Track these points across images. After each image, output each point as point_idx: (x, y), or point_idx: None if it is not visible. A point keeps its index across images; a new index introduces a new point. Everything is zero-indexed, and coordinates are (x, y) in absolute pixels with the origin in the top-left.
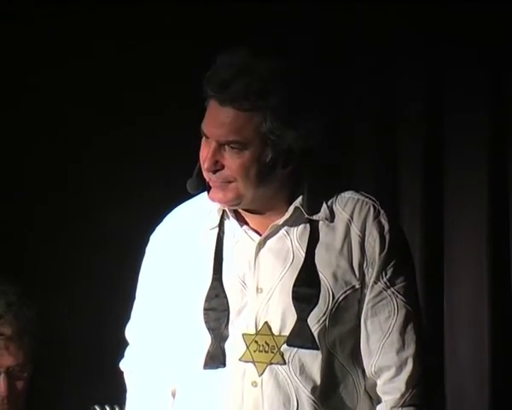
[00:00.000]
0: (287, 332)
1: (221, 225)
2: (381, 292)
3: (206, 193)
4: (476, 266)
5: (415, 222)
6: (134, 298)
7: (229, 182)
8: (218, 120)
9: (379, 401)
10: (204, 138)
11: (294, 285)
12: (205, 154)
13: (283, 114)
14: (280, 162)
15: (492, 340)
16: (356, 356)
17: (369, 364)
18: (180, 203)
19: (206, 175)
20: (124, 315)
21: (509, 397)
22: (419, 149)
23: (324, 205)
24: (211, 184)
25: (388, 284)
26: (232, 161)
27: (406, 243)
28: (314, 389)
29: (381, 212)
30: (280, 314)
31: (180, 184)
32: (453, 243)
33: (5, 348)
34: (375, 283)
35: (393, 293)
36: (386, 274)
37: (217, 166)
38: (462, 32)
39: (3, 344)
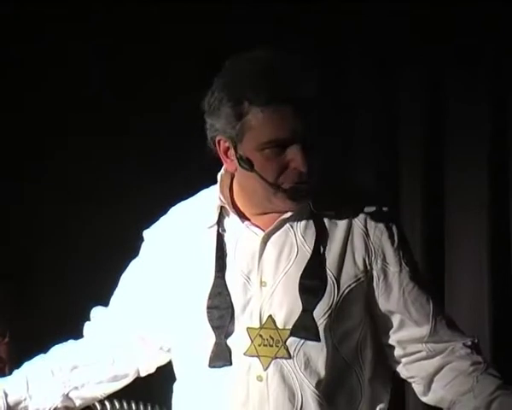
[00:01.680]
0: (291, 325)
1: (220, 223)
2: (410, 279)
3: (202, 192)
4: (477, 267)
5: (415, 222)
6: None
7: (312, 178)
8: (293, 121)
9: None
10: (270, 151)
11: (301, 277)
12: (283, 161)
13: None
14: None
15: (493, 340)
16: (360, 351)
17: (422, 341)
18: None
19: (291, 182)
20: None
21: None
22: (419, 149)
23: (328, 200)
24: (295, 193)
25: (409, 269)
26: (313, 159)
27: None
28: (319, 384)
29: (382, 204)
30: (284, 308)
31: (175, 184)
32: (454, 243)
33: None
34: (401, 271)
35: (416, 276)
36: (406, 262)
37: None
38: (463, 32)
39: None
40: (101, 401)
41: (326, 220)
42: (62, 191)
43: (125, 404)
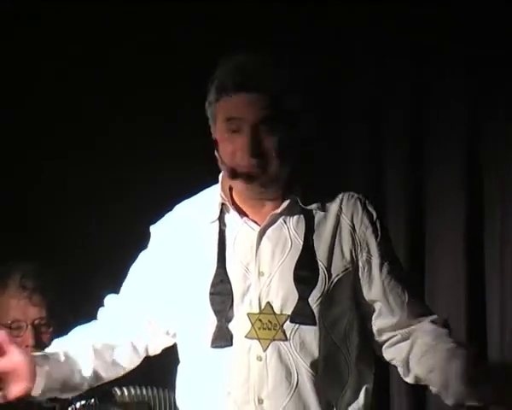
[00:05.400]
0: (287, 311)
1: (221, 218)
2: (390, 269)
3: (204, 191)
4: (454, 264)
5: (398, 223)
6: None
7: (267, 164)
8: (249, 105)
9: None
10: (227, 132)
11: (295, 269)
12: (239, 143)
13: (295, 97)
14: (298, 143)
15: (468, 328)
16: (348, 335)
17: (396, 328)
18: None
19: (241, 165)
20: None
21: None
22: (403, 159)
23: (317, 197)
24: (249, 172)
25: (390, 261)
26: (269, 139)
27: (385, 224)
28: (312, 364)
29: (367, 202)
30: (280, 295)
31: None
32: (433, 242)
33: (29, 300)
34: (382, 263)
35: (395, 268)
36: (387, 254)
37: (259, 148)
38: (449, 39)
39: (27, 296)
40: (120, 388)
41: (316, 215)
42: (80, 193)
43: (137, 389)
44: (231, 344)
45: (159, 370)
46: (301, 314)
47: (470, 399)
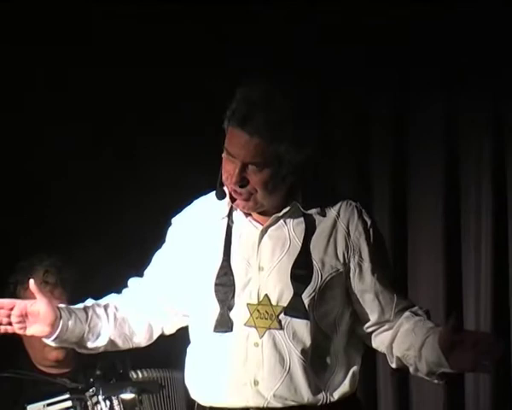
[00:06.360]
0: (283, 303)
1: (230, 215)
2: (380, 273)
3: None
4: (434, 260)
5: (383, 223)
6: None
7: (251, 194)
8: (243, 145)
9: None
10: (227, 156)
11: (292, 267)
12: (230, 170)
13: (296, 139)
14: (289, 174)
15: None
16: (337, 325)
17: (384, 323)
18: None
19: (229, 186)
20: None
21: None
22: (387, 168)
23: (316, 202)
24: (234, 195)
25: (380, 265)
26: (255, 177)
27: (379, 230)
28: (303, 351)
29: (363, 211)
30: (277, 289)
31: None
32: (415, 241)
33: (51, 294)
34: (373, 266)
35: (385, 271)
36: (378, 259)
37: (243, 182)
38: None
39: (49, 290)
40: (136, 371)
41: (315, 219)
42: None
43: (150, 372)
44: (232, 330)
45: (170, 353)
46: (295, 309)
47: (442, 366)
